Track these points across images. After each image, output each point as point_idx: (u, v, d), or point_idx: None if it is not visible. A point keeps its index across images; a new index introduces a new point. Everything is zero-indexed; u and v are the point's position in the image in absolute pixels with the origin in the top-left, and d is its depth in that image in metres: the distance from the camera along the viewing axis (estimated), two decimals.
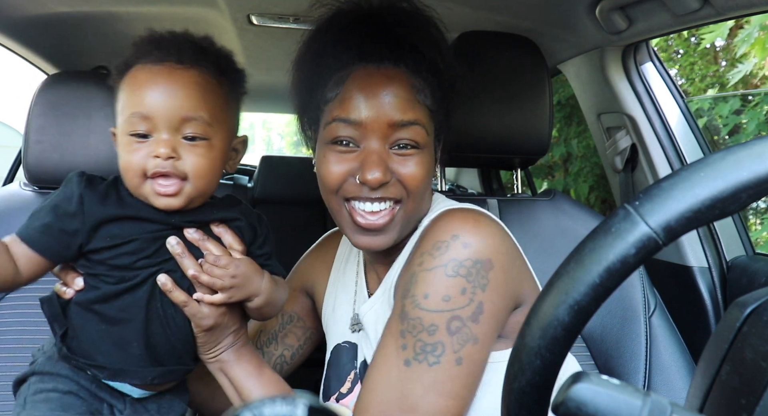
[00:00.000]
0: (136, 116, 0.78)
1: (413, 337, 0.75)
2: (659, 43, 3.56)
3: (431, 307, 0.75)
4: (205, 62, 0.82)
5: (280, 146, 19.29)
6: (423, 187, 0.84)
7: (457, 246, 0.77)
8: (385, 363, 0.77)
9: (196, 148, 0.80)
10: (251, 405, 0.36)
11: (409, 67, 0.83)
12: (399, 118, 0.80)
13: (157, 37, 0.84)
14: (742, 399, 0.40)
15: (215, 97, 0.82)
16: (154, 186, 0.79)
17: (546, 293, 0.40)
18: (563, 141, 3.83)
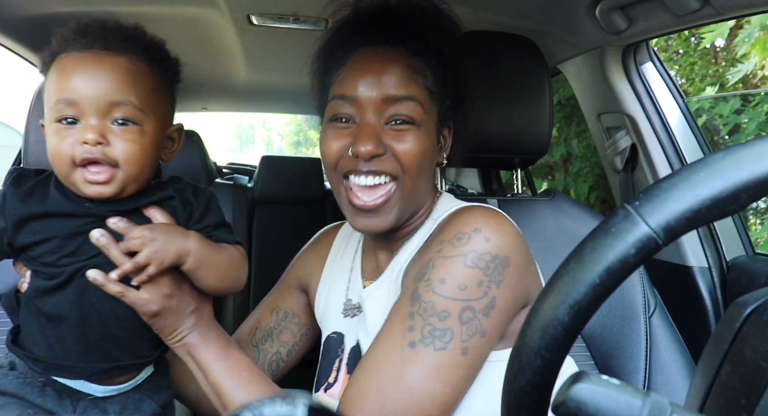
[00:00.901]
0: (62, 102, 0.76)
1: (423, 320, 0.75)
2: (659, 43, 3.56)
3: (446, 293, 0.75)
4: (134, 49, 0.80)
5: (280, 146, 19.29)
6: (419, 164, 0.85)
7: (479, 239, 0.78)
8: (388, 341, 0.77)
9: (127, 134, 0.77)
10: (251, 405, 0.36)
11: (409, 49, 0.86)
12: (393, 93, 0.83)
13: (83, 25, 0.81)
14: (742, 399, 0.40)
15: (145, 82, 0.80)
16: (84, 174, 0.76)
17: (546, 293, 0.40)
18: (563, 141, 3.83)
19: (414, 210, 0.91)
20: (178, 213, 0.85)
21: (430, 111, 0.87)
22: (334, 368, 0.92)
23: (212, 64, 2.12)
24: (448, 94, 0.90)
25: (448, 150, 0.94)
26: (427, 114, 0.86)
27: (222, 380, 0.81)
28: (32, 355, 0.81)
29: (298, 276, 1.08)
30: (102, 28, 0.81)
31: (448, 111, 0.91)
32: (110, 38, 0.80)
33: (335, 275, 1.02)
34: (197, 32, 1.71)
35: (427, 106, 0.86)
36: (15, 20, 1.46)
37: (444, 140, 0.93)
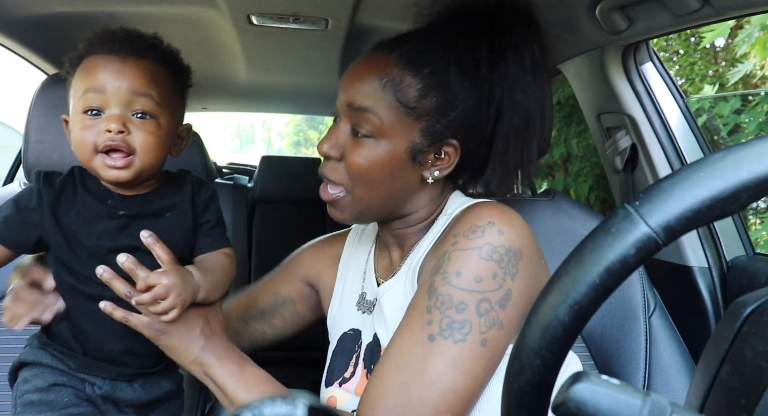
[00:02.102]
0: (90, 92, 0.84)
1: (440, 313, 0.75)
2: (659, 43, 3.56)
3: (462, 285, 0.76)
4: (155, 55, 0.89)
5: (280, 146, 19.29)
6: (366, 178, 0.84)
7: (493, 232, 0.78)
8: (408, 336, 0.77)
9: (145, 125, 0.86)
10: (251, 405, 0.36)
11: (402, 56, 0.84)
12: (353, 102, 0.84)
13: (110, 32, 0.89)
14: (742, 399, 0.40)
15: (163, 83, 0.89)
16: (105, 159, 0.84)
17: (546, 293, 0.40)
18: (563, 141, 3.83)
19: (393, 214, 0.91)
20: (187, 217, 0.93)
21: (400, 125, 0.83)
22: (351, 363, 0.93)
23: (212, 64, 2.12)
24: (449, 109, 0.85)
25: (448, 169, 0.88)
26: (390, 128, 0.83)
27: (241, 396, 0.82)
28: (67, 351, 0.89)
29: (305, 271, 1.08)
30: (127, 35, 0.90)
31: (447, 128, 0.85)
32: (134, 44, 0.88)
33: (349, 275, 1.02)
34: (197, 32, 1.71)
35: (393, 120, 0.83)
36: (15, 20, 1.46)
37: (447, 157, 0.87)
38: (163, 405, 0.95)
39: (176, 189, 0.94)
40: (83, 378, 0.89)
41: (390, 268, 0.96)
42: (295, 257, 1.11)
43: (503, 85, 0.87)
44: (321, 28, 1.58)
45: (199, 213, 0.95)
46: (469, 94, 0.86)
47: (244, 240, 2.83)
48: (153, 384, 0.94)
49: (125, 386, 0.91)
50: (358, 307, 0.97)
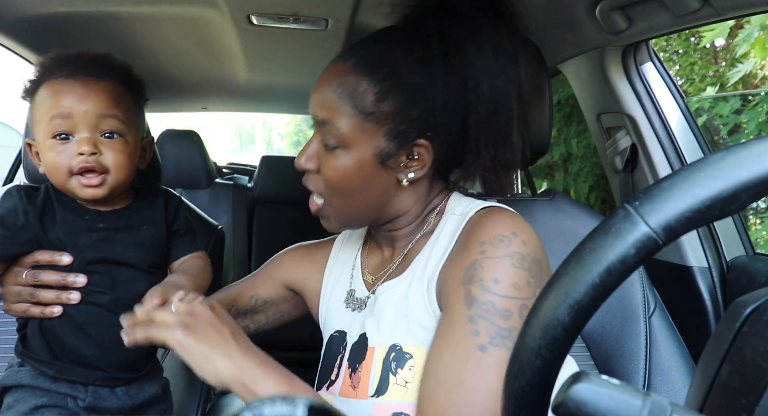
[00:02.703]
0: (58, 118, 0.88)
1: (486, 321, 0.73)
2: (659, 43, 3.56)
3: (502, 292, 0.74)
4: (112, 75, 0.93)
5: (280, 146, 19.29)
6: (340, 187, 0.84)
7: (518, 242, 0.78)
8: (455, 349, 0.74)
9: (114, 144, 0.91)
10: (251, 405, 0.36)
11: (359, 61, 0.82)
12: (315, 115, 0.85)
13: (65, 56, 0.93)
14: (742, 399, 0.40)
15: (125, 100, 0.93)
16: (80, 180, 0.89)
17: (546, 293, 0.40)
18: (563, 141, 3.83)
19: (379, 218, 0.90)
20: (162, 229, 1.00)
21: (362, 132, 0.81)
22: (336, 365, 0.92)
23: (212, 64, 2.12)
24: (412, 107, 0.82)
25: (424, 168, 0.85)
26: (352, 137, 0.81)
27: None
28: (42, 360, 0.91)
29: (287, 275, 1.07)
30: (82, 57, 0.93)
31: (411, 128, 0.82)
32: (91, 67, 0.92)
33: (336, 275, 1.02)
34: (197, 32, 1.71)
35: (354, 128, 0.81)
36: (15, 20, 1.46)
37: (420, 158, 0.84)
38: (150, 410, 0.96)
39: (149, 203, 1.00)
40: (64, 393, 0.90)
41: (381, 266, 0.95)
42: (275, 260, 1.11)
43: (465, 76, 0.83)
44: (321, 28, 1.58)
45: (171, 223, 1.01)
46: (430, 89, 0.82)
47: (244, 240, 2.83)
48: (137, 390, 0.95)
49: (108, 394, 0.92)
50: (347, 304, 0.95)
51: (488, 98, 0.83)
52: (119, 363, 0.92)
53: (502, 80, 0.84)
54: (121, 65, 0.97)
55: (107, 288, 0.92)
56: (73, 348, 0.90)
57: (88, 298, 0.91)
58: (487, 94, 0.83)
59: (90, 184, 0.89)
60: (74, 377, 0.91)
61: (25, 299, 0.91)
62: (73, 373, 0.91)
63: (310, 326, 1.11)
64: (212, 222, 1.51)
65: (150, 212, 0.99)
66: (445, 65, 0.83)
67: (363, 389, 0.83)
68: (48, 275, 0.90)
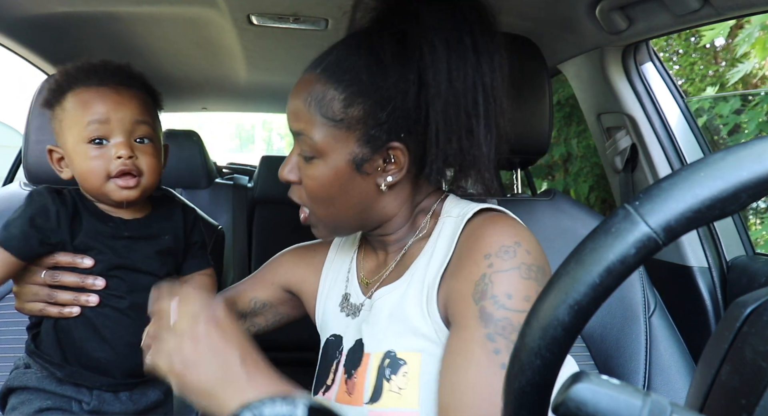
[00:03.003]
0: (94, 123, 0.90)
1: (505, 339, 0.73)
2: (659, 43, 3.56)
3: (516, 307, 0.74)
4: (137, 84, 0.98)
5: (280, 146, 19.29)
6: (320, 196, 0.84)
7: (523, 252, 0.78)
8: (477, 369, 0.72)
9: (147, 148, 0.95)
10: (251, 405, 0.36)
11: (326, 69, 0.83)
12: (290, 127, 0.86)
13: (90, 66, 0.96)
14: (742, 399, 0.40)
15: (151, 108, 0.99)
16: (117, 182, 0.92)
17: (546, 293, 0.40)
18: (563, 141, 3.83)
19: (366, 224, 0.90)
20: (181, 239, 1.03)
21: (334, 140, 0.81)
22: (332, 370, 0.91)
23: (212, 64, 2.12)
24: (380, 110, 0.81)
25: (402, 171, 0.84)
26: (325, 146, 0.81)
27: None
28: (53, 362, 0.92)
29: (284, 278, 1.07)
30: (107, 67, 0.96)
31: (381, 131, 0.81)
32: (118, 76, 0.96)
33: (333, 278, 1.02)
34: (197, 32, 1.71)
35: (326, 137, 0.81)
36: (15, 20, 1.46)
37: (397, 159, 0.83)
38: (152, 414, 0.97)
39: (168, 212, 1.03)
40: (70, 396, 0.91)
41: (376, 270, 0.94)
42: (273, 262, 1.11)
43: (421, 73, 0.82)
44: (321, 28, 1.58)
45: (189, 235, 1.05)
46: (393, 91, 0.81)
47: (244, 240, 2.83)
48: (140, 395, 0.96)
49: (112, 398, 0.93)
50: (341, 308, 0.95)
51: (446, 91, 0.81)
52: (129, 367, 0.93)
53: (460, 73, 0.82)
54: (141, 75, 1.01)
55: (125, 292, 0.94)
56: (86, 350, 0.91)
57: (106, 302, 0.92)
58: (444, 87, 0.81)
59: (127, 186, 0.92)
60: (81, 381, 0.92)
61: (42, 299, 0.91)
62: (81, 377, 0.91)
63: (309, 326, 1.11)
64: (212, 222, 1.51)
65: (170, 222, 1.02)
66: (401, 63, 0.82)
67: (358, 395, 0.83)
68: (67, 276, 0.91)
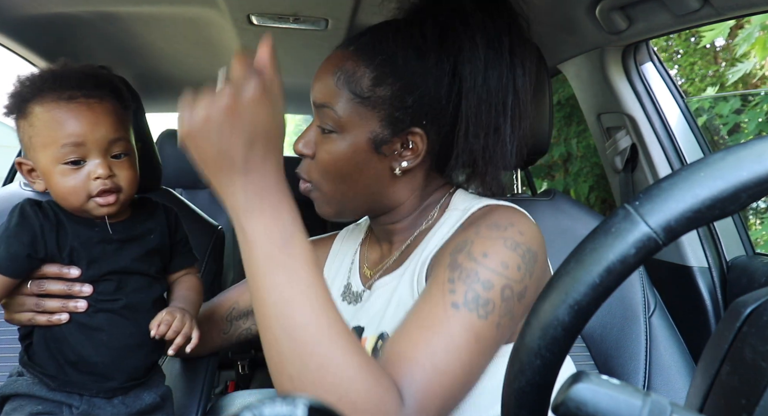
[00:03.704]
0: (68, 146, 0.88)
1: (465, 285, 0.71)
2: (659, 43, 3.56)
3: (489, 265, 0.73)
4: (107, 92, 0.93)
5: None
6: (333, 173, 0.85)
7: (514, 231, 0.77)
8: (428, 304, 0.72)
9: (124, 164, 0.93)
10: (251, 405, 0.36)
11: (358, 48, 0.85)
12: (314, 100, 0.86)
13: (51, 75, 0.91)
14: (742, 399, 0.40)
15: (125, 117, 0.95)
16: (97, 201, 0.91)
17: (546, 293, 0.40)
18: (563, 141, 3.83)
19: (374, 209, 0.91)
20: (166, 237, 1.03)
21: (358, 117, 0.82)
22: None
23: (212, 64, 2.11)
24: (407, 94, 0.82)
25: (416, 159, 0.85)
26: (348, 121, 0.82)
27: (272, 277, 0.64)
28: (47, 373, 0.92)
29: None
30: (72, 76, 0.92)
31: (405, 115, 0.83)
32: (86, 85, 0.91)
33: (336, 268, 1.03)
34: (197, 32, 1.71)
35: (350, 113, 0.82)
36: (15, 20, 1.46)
37: (414, 147, 0.85)
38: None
39: (150, 213, 1.02)
40: (60, 401, 0.91)
41: (380, 261, 0.95)
42: None
43: (458, 66, 0.83)
44: (321, 28, 1.58)
45: (173, 233, 1.04)
46: (425, 78, 0.83)
47: None
48: (134, 399, 0.96)
49: (104, 403, 0.93)
50: (343, 298, 0.96)
51: (480, 87, 0.83)
52: (128, 369, 0.93)
53: (495, 71, 0.84)
54: (110, 77, 0.97)
55: (118, 295, 0.93)
56: (83, 356, 0.91)
57: (99, 306, 0.92)
58: (479, 83, 0.83)
59: (108, 203, 0.91)
60: (78, 389, 0.91)
61: (29, 308, 0.91)
62: (76, 386, 0.91)
63: None
64: (212, 222, 1.51)
65: (154, 222, 1.02)
66: (440, 55, 0.83)
67: None
68: (54, 285, 0.91)
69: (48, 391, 0.91)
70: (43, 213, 0.93)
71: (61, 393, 0.91)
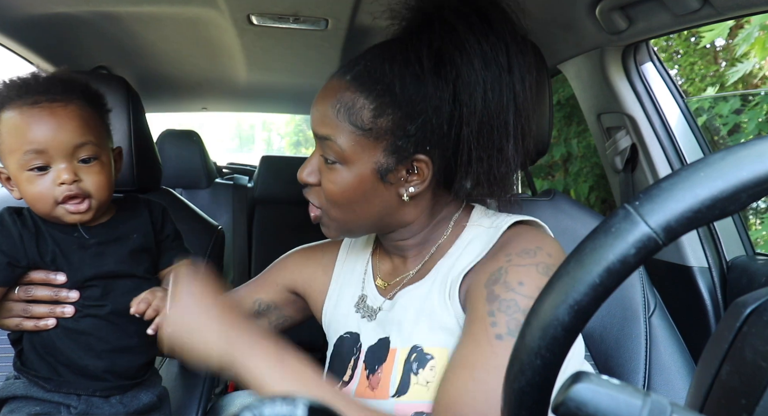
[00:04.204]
0: (31, 153, 0.86)
1: (506, 315, 0.74)
2: (659, 43, 3.56)
3: (526, 293, 0.75)
4: (75, 95, 0.91)
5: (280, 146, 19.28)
6: (341, 202, 0.85)
7: (543, 255, 0.79)
8: (473, 340, 0.74)
9: (92, 168, 0.91)
10: (251, 405, 0.36)
11: (355, 78, 0.83)
12: (315, 131, 0.86)
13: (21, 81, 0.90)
14: (742, 399, 0.40)
15: (95, 121, 0.93)
16: (66, 207, 0.89)
17: (546, 293, 0.40)
18: (563, 141, 3.82)
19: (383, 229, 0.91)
20: (150, 236, 1.01)
21: (361, 148, 0.82)
22: (350, 366, 0.92)
23: (212, 64, 2.12)
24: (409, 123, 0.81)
25: (422, 184, 0.85)
26: (351, 153, 0.82)
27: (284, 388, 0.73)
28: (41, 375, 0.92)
29: (290, 279, 1.07)
30: (39, 81, 0.90)
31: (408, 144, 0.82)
32: (53, 90, 0.89)
33: (346, 278, 1.02)
34: (197, 32, 1.71)
35: (353, 145, 0.82)
36: (15, 20, 1.46)
37: (421, 171, 0.84)
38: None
39: (133, 212, 1.01)
40: (57, 401, 0.91)
41: (393, 273, 0.95)
42: (279, 264, 1.11)
43: (457, 89, 0.82)
44: (321, 28, 1.58)
45: (159, 230, 1.03)
46: (425, 104, 0.81)
47: (244, 240, 2.83)
48: (131, 398, 0.96)
49: (102, 402, 0.93)
50: (357, 309, 0.96)
51: (481, 111, 0.82)
52: (117, 370, 0.93)
53: (495, 92, 0.82)
54: (81, 81, 0.95)
55: (105, 299, 0.93)
56: (73, 359, 0.91)
57: (86, 311, 0.92)
58: (479, 106, 0.82)
59: (77, 211, 0.89)
60: (74, 389, 0.92)
61: (17, 314, 0.91)
62: (72, 386, 0.91)
63: (311, 328, 1.11)
64: (212, 222, 1.51)
65: (137, 221, 1.00)
66: (437, 79, 0.82)
67: (383, 389, 0.84)
68: (40, 290, 0.91)
69: (45, 392, 0.91)
70: (22, 221, 0.92)
71: (59, 394, 0.91)
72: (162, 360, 1.25)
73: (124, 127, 1.23)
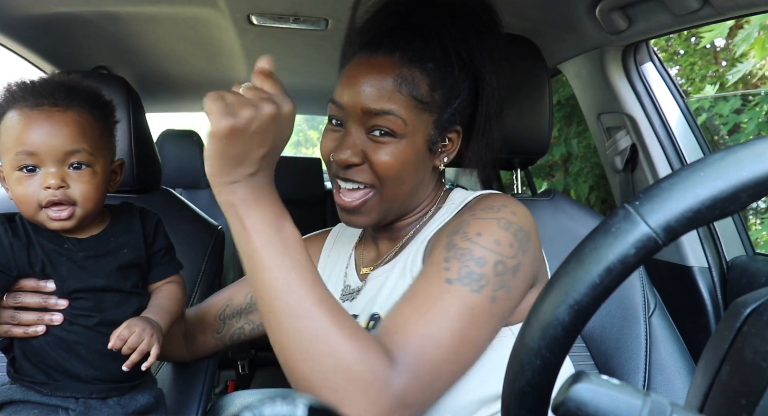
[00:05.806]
0: (23, 153, 0.86)
1: (459, 262, 0.76)
2: (659, 43, 3.56)
3: (483, 243, 0.78)
4: (78, 102, 0.90)
5: None
6: (396, 175, 0.87)
7: (507, 212, 0.82)
8: (424, 282, 0.77)
9: (82, 176, 0.89)
10: (251, 405, 0.36)
11: (404, 56, 0.87)
12: (371, 107, 0.85)
13: (30, 84, 0.90)
14: (742, 399, 0.40)
15: (93, 129, 0.91)
16: (48, 213, 0.88)
17: (546, 293, 0.40)
18: (563, 141, 3.82)
19: (406, 207, 0.94)
20: (141, 251, 0.98)
21: (419, 121, 0.87)
22: None
23: (212, 64, 2.12)
24: (453, 98, 0.90)
25: (453, 153, 0.94)
26: (411, 125, 0.86)
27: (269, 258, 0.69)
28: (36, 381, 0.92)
29: None
30: (46, 85, 0.90)
31: (453, 116, 0.91)
32: (56, 94, 0.89)
33: (331, 266, 1.04)
34: (197, 32, 1.71)
35: (413, 117, 0.86)
36: (15, 20, 1.46)
37: (451, 143, 0.94)
38: None
39: (126, 225, 0.98)
40: (56, 405, 0.91)
41: (376, 258, 0.98)
42: None
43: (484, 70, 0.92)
44: (321, 28, 1.58)
45: (150, 244, 1.00)
46: (462, 83, 0.91)
47: None
48: (129, 400, 0.96)
49: (100, 404, 0.93)
50: (342, 300, 0.97)
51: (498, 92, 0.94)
52: (108, 377, 0.93)
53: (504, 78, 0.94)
54: (88, 88, 0.94)
55: (93, 311, 0.92)
56: (65, 366, 0.91)
57: (74, 320, 0.91)
58: (496, 88, 0.93)
59: (59, 217, 0.88)
60: (71, 392, 0.91)
61: (5, 321, 0.91)
62: (68, 389, 0.91)
63: None
64: (212, 222, 1.51)
65: (128, 235, 0.98)
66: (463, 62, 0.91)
67: None
68: (29, 297, 0.91)
69: (42, 396, 0.91)
70: (13, 229, 0.91)
71: (56, 398, 0.91)
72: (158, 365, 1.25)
73: (124, 127, 1.22)
